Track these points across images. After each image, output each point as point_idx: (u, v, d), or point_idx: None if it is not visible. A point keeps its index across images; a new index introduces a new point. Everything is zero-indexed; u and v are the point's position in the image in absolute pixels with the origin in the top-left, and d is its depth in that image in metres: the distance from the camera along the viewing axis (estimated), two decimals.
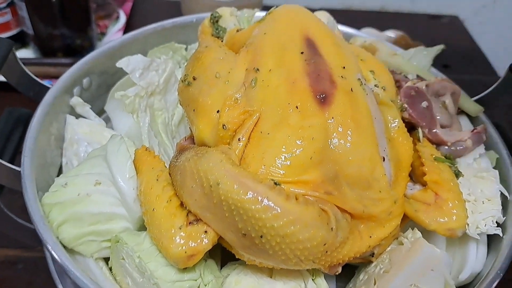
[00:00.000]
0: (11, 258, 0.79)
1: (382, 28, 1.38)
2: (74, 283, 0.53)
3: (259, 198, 0.48)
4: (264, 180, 0.51)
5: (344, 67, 0.61)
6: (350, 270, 0.65)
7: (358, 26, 1.37)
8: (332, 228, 0.51)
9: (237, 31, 0.74)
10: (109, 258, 0.61)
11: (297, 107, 0.56)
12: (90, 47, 1.26)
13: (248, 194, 0.48)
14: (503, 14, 1.67)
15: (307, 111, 0.56)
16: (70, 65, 1.14)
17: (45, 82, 1.09)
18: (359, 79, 0.62)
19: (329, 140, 0.55)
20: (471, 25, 1.67)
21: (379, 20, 1.62)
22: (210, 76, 0.63)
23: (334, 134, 0.55)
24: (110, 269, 0.61)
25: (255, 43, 0.65)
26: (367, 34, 1.35)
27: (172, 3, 1.49)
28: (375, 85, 0.66)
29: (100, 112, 0.83)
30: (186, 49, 0.91)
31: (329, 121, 0.56)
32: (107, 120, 0.82)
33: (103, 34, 1.35)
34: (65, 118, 0.75)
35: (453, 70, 1.44)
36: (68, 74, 0.77)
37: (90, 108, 0.78)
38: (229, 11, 0.79)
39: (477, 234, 0.62)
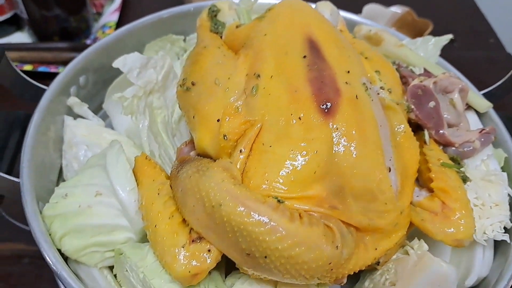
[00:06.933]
0: (17, 252, 0.78)
1: (388, 2, 1.33)
2: None
3: (263, 220, 0.47)
4: (267, 199, 0.50)
5: (348, 72, 0.59)
6: (354, 274, 0.65)
7: (363, 1, 1.33)
8: (337, 247, 0.50)
9: (237, 27, 0.71)
10: (113, 265, 0.61)
11: (300, 118, 0.54)
12: (87, 29, 1.23)
13: (252, 216, 0.48)
14: None
15: (310, 122, 0.54)
16: (66, 49, 1.13)
17: (40, 68, 1.08)
18: (364, 83, 0.59)
19: (333, 153, 0.53)
20: None
21: None
22: (209, 83, 0.61)
23: (339, 146, 0.53)
24: (115, 275, 0.61)
25: (255, 46, 0.62)
26: (371, 11, 1.31)
27: None
28: (381, 87, 0.63)
29: (98, 108, 0.81)
30: (184, 40, 0.88)
31: (333, 133, 0.53)
32: (106, 116, 0.80)
33: (99, 14, 1.31)
34: (63, 119, 0.73)
35: (461, 46, 1.40)
36: (64, 74, 0.74)
37: (88, 107, 0.76)
38: (228, 5, 0.75)
39: (484, 240, 0.61)
